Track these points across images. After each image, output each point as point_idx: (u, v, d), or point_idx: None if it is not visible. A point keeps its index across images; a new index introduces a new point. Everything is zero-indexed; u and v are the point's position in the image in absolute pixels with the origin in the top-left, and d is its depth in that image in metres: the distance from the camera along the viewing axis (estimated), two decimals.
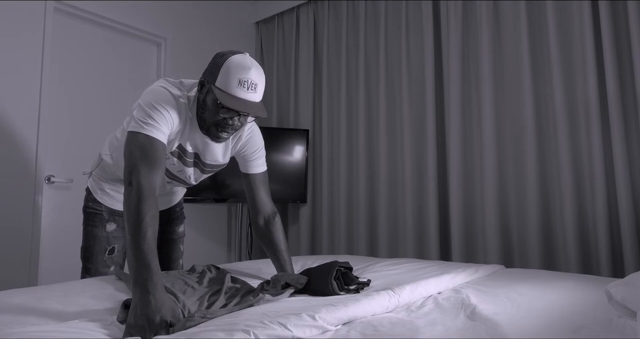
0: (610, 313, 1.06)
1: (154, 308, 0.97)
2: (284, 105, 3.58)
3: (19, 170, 2.43)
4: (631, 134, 2.13)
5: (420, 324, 0.98)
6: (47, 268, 2.54)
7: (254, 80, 1.27)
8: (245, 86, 1.25)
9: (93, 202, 1.65)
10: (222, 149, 1.51)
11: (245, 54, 1.32)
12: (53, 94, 2.61)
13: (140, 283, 1.02)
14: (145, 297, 0.99)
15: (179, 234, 1.84)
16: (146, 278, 1.02)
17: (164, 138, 1.28)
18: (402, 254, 2.77)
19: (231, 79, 1.25)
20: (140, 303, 0.99)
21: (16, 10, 2.46)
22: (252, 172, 1.58)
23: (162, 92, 1.32)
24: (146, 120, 1.25)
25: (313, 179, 3.35)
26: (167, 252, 1.80)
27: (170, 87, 1.35)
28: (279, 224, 1.60)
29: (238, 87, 1.25)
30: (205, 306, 1.14)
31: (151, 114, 1.26)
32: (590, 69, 2.19)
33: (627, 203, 2.05)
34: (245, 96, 1.27)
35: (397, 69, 2.95)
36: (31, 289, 1.30)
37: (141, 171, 1.19)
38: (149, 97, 1.30)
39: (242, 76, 1.25)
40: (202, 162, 1.51)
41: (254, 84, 1.27)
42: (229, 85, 1.25)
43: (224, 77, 1.26)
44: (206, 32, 3.46)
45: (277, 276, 1.36)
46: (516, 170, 2.43)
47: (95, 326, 0.95)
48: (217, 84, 1.27)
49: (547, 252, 2.30)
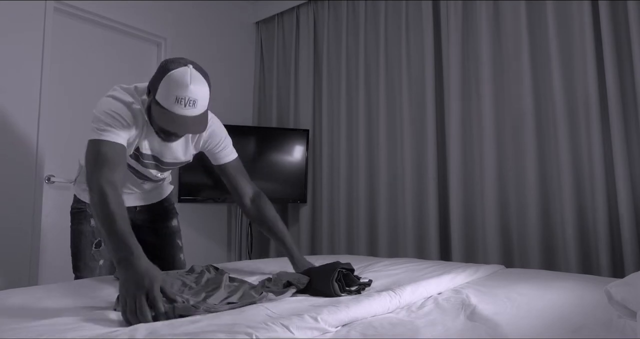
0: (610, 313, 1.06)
1: (141, 273, 1.02)
2: (284, 105, 3.58)
3: (19, 170, 2.43)
4: (631, 134, 2.13)
5: (421, 325, 0.98)
6: (47, 268, 2.54)
7: (192, 96, 1.27)
8: (183, 103, 1.27)
9: (77, 203, 1.70)
10: (182, 146, 1.55)
11: (188, 66, 1.30)
12: (53, 94, 2.62)
13: (123, 260, 1.07)
14: (130, 269, 1.04)
15: (173, 228, 1.84)
16: (127, 254, 1.08)
17: (122, 140, 1.34)
18: (402, 254, 2.77)
19: (169, 96, 1.27)
20: (126, 274, 1.03)
21: (16, 10, 2.46)
22: (224, 162, 1.62)
23: (111, 102, 1.36)
24: (100, 126, 1.32)
25: (313, 179, 3.35)
26: (164, 247, 1.81)
27: (122, 95, 1.39)
28: (266, 199, 1.64)
29: (175, 103, 1.27)
30: (203, 297, 1.16)
31: (105, 121, 1.32)
32: (590, 69, 2.19)
33: (627, 203, 2.06)
34: (183, 112, 1.28)
35: (397, 69, 2.95)
36: (29, 289, 1.30)
37: (101, 174, 1.26)
38: (102, 106, 1.36)
39: (179, 93, 1.26)
40: (161, 161, 1.55)
41: (192, 101, 1.28)
42: (167, 101, 1.27)
43: (163, 91, 1.28)
44: (206, 32, 3.45)
45: (279, 275, 1.37)
46: (516, 170, 2.43)
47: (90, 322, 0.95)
48: (157, 98, 1.29)
49: (547, 252, 2.30)
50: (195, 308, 1.03)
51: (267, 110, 3.68)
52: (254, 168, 3.18)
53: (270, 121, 3.61)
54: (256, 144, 3.23)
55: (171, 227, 1.84)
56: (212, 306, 1.06)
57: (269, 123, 3.61)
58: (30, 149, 2.48)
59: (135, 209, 1.74)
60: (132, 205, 1.71)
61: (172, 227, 1.84)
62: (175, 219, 1.87)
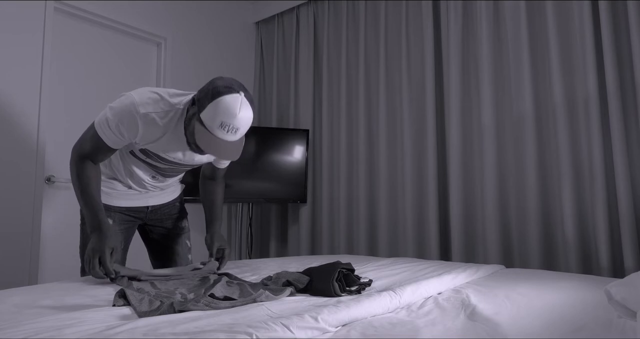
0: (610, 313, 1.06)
1: (100, 243, 1.37)
2: (284, 105, 3.58)
3: (19, 170, 2.43)
4: (631, 134, 2.13)
5: (421, 325, 0.98)
6: (47, 268, 2.54)
7: (236, 125, 1.31)
8: (226, 129, 1.30)
9: None
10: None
11: (240, 94, 1.31)
12: (53, 94, 2.62)
13: (93, 231, 1.41)
14: (95, 238, 1.38)
15: (183, 229, 1.85)
16: (95, 227, 1.40)
17: (116, 145, 1.46)
18: (402, 254, 2.77)
19: (215, 119, 1.28)
20: (92, 243, 1.37)
21: (16, 10, 2.46)
22: (218, 166, 1.76)
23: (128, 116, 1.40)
24: (111, 125, 1.40)
25: (313, 179, 3.35)
26: (173, 247, 1.81)
27: (163, 103, 1.43)
28: (221, 183, 1.82)
29: (219, 128, 1.29)
30: (203, 291, 1.17)
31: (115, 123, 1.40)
32: (590, 69, 2.19)
33: (627, 203, 2.05)
34: (224, 136, 1.31)
35: (397, 69, 2.95)
36: (30, 289, 1.30)
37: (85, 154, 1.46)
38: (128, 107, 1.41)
39: (225, 120, 1.28)
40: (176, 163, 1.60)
41: (235, 129, 1.31)
42: (211, 123, 1.29)
43: (209, 113, 1.29)
44: (206, 32, 3.46)
45: (279, 274, 1.37)
46: (516, 170, 2.43)
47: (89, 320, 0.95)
48: (202, 116, 1.30)
49: (547, 252, 2.30)
50: (196, 301, 1.04)
51: (267, 110, 3.68)
52: (254, 168, 3.18)
53: (270, 121, 3.61)
54: (256, 144, 3.23)
55: (181, 228, 1.84)
56: (212, 301, 1.07)
57: (269, 123, 3.61)
58: (30, 149, 2.48)
59: (147, 209, 1.74)
60: (144, 205, 1.71)
61: (182, 228, 1.84)
62: (185, 220, 1.87)
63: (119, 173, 1.63)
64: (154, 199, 1.74)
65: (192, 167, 1.68)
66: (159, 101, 1.41)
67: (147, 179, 1.64)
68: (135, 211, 1.71)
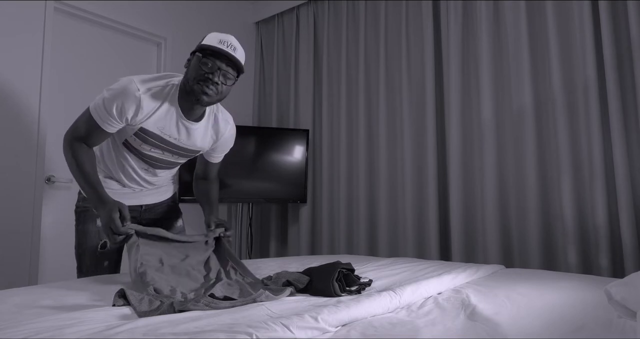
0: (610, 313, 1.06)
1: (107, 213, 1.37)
2: (284, 105, 3.58)
3: (19, 170, 2.43)
4: (631, 134, 2.13)
5: (421, 325, 0.98)
6: (47, 268, 2.54)
7: (234, 44, 1.45)
8: (225, 45, 1.43)
9: (82, 201, 1.67)
10: (201, 134, 1.61)
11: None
12: (53, 94, 2.62)
13: (97, 206, 1.42)
14: (102, 211, 1.39)
15: (178, 228, 1.84)
16: (98, 202, 1.41)
17: (111, 128, 1.49)
18: (402, 254, 2.77)
19: (212, 40, 1.44)
20: (101, 216, 1.39)
21: (16, 10, 2.46)
22: (213, 162, 1.79)
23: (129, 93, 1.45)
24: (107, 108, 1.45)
25: (313, 179, 3.35)
26: None
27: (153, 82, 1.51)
28: (215, 181, 1.83)
29: (219, 44, 1.43)
30: (203, 291, 1.18)
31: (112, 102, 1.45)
32: (590, 69, 2.19)
33: (627, 203, 2.05)
34: (225, 50, 1.43)
35: (397, 69, 2.95)
36: (30, 289, 1.30)
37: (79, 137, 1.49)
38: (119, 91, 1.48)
39: (222, 38, 1.45)
40: (175, 145, 1.59)
41: (233, 47, 1.45)
42: (210, 42, 1.44)
43: (206, 40, 1.46)
44: (206, 32, 3.43)
45: (279, 274, 1.37)
46: (516, 170, 2.43)
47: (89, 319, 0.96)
48: (200, 45, 1.46)
49: (547, 252, 2.30)
50: (196, 301, 1.05)
51: (267, 110, 3.68)
52: (254, 168, 3.18)
53: (270, 121, 3.61)
54: (256, 144, 3.23)
55: (176, 228, 1.84)
56: (212, 301, 1.07)
57: (269, 123, 3.61)
58: (31, 150, 2.48)
59: (141, 208, 1.74)
60: (137, 204, 1.71)
61: (177, 228, 1.84)
62: (180, 220, 1.87)
63: (112, 166, 1.62)
64: (147, 198, 1.74)
65: (184, 158, 1.67)
66: (155, 79, 1.52)
67: (139, 171, 1.63)
68: (130, 210, 1.70)
